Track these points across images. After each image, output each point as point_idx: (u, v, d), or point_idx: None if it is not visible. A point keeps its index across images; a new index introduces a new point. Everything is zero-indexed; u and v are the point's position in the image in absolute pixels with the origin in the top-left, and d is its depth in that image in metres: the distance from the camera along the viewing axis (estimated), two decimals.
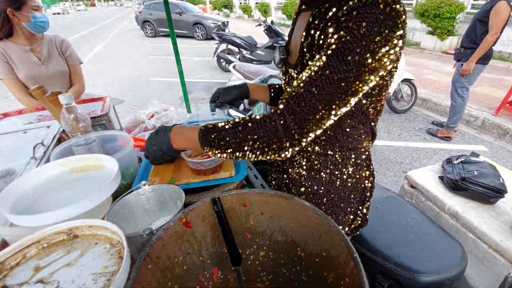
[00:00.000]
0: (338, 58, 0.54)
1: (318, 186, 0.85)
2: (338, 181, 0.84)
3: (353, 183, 0.84)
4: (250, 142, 0.63)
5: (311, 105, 0.58)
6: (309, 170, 0.86)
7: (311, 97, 0.57)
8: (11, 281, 0.44)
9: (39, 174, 0.69)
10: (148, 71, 7.06)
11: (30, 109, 1.53)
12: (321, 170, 0.84)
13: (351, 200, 0.86)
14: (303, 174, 0.87)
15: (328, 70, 0.55)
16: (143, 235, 0.61)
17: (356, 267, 0.51)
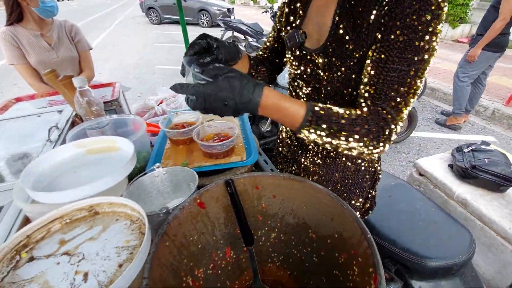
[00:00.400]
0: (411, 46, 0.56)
1: (333, 173, 0.86)
2: (353, 166, 0.84)
3: (366, 167, 0.85)
4: (356, 137, 0.60)
5: (401, 92, 0.59)
6: (325, 157, 0.86)
7: (398, 77, 0.58)
8: (38, 253, 0.46)
9: (57, 154, 0.71)
10: (153, 59, 7.02)
11: (42, 94, 1.55)
12: (336, 156, 0.85)
13: (363, 184, 0.87)
14: (318, 162, 0.88)
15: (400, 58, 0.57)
16: (159, 214, 0.62)
17: (370, 247, 0.52)
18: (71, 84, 0.99)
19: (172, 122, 1.07)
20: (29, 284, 0.41)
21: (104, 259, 0.44)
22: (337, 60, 0.68)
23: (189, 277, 0.62)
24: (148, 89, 5.09)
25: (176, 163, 0.87)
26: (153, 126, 1.22)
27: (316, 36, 0.73)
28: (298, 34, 0.74)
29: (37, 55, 1.71)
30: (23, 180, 0.59)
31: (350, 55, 0.65)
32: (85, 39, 1.94)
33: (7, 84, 5.42)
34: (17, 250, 0.46)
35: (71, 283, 0.40)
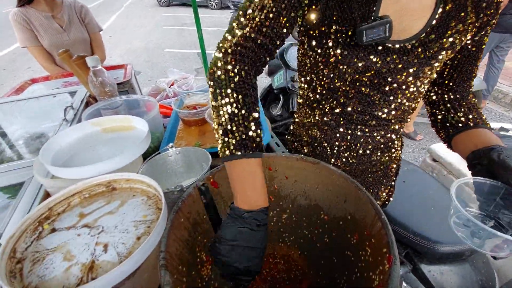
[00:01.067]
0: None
1: (366, 168, 0.81)
2: (387, 158, 0.81)
3: (396, 156, 0.82)
4: None
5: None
6: (361, 156, 0.78)
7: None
8: (60, 225, 0.48)
9: (73, 132, 0.73)
10: (162, 42, 6.97)
11: (56, 76, 1.57)
12: (373, 153, 0.78)
13: (390, 173, 0.84)
14: (351, 162, 0.79)
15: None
16: (174, 191, 0.63)
17: (384, 227, 0.52)
18: (85, 64, 1.00)
19: (184, 104, 1.07)
20: (52, 253, 0.43)
21: (122, 232, 0.45)
22: (430, 52, 0.57)
23: (203, 253, 0.63)
24: (158, 73, 5.08)
25: (189, 144, 0.87)
26: (165, 108, 1.23)
27: (401, 24, 0.57)
28: (390, 26, 0.53)
29: (50, 37, 1.72)
30: (42, 156, 0.60)
31: (449, 47, 0.58)
32: (95, 21, 1.93)
33: (21, 68, 5.51)
34: (39, 222, 0.47)
35: (92, 253, 0.42)
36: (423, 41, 0.57)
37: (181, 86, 1.48)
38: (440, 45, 0.57)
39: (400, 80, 0.62)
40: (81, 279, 0.39)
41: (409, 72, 0.60)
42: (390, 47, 0.58)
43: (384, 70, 0.61)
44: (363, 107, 0.67)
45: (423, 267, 1.07)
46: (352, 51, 0.59)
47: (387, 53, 0.58)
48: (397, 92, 0.65)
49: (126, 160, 0.59)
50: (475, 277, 1.02)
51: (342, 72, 0.64)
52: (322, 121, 0.75)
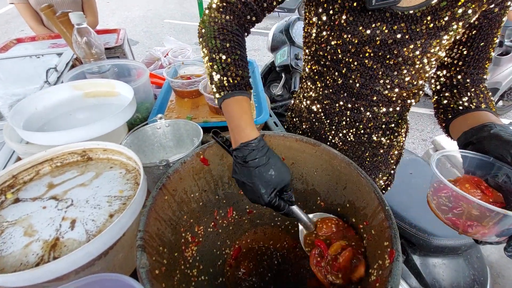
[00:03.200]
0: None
1: (364, 150, 0.77)
2: (388, 142, 0.76)
3: (398, 142, 0.77)
4: None
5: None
6: (360, 135, 0.75)
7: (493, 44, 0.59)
8: (25, 195, 0.42)
9: (52, 94, 0.65)
10: (163, 12, 6.64)
11: (43, 36, 1.46)
12: (373, 133, 0.74)
13: (390, 160, 0.80)
14: (350, 140, 0.76)
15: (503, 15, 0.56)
16: (159, 166, 0.58)
17: (388, 218, 0.47)
18: (70, 22, 0.90)
19: (178, 74, 0.99)
20: (13, 226, 0.37)
21: (94, 207, 0.39)
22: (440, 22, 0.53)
23: (189, 233, 0.59)
24: (156, 44, 4.87)
25: (181, 117, 0.81)
26: (158, 78, 1.15)
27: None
28: None
29: None
30: (12, 119, 0.54)
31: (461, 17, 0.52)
32: None
33: (14, 30, 5.26)
34: (2, 190, 0.42)
35: (57, 229, 0.37)
36: (433, 9, 0.52)
37: (177, 56, 1.38)
38: (451, 14, 0.52)
39: (406, 53, 0.57)
40: (41, 258, 0.34)
41: (416, 45, 0.56)
42: (398, 14, 0.54)
43: (390, 41, 0.57)
44: (365, 80, 0.64)
45: (416, 259, 1.05)
46: (357, 17, 0.56)
47: (395, 21, 0.54)
48: (401, 67, 0.60)
49: (107, 127, 0.53)
50: (467, 272, 1.00)
51: (346, 42, 0.60)
52: (323, 94, 0.72)
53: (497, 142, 0.46)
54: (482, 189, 0.46)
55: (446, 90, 0.65)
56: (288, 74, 1.90)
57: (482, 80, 0.62)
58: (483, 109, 0.57)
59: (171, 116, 0.80)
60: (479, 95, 0.60)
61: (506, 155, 0.44)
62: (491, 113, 0.56)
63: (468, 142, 0.53)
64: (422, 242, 0.98)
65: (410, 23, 0.54)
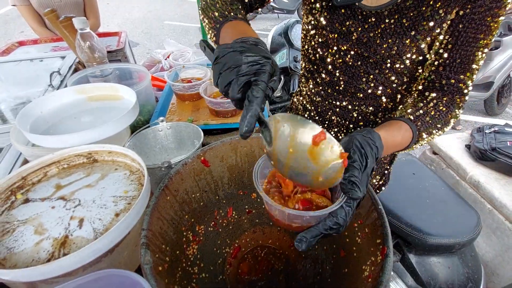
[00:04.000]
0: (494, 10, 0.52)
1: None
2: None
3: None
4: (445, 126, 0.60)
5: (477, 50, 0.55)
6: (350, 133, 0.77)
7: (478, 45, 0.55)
8: (34, 195, 0.44)
9: (56, 98, 0.67)
10: (162, 14, 6.68)
11: (46, 39, 1.47)
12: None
13: (384, 160, 0.82)
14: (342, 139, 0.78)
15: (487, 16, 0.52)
16: (161, 167, 0.60)
17: (380, 217, 0.49)
18: (73, 27, 0.92)
19: (179, 77, 1.01)
20: (23, 225, 0.39)
21: (100, 207, 0.42)
22: (408, 21, 0.55)
23: (190, 232, 0.61)
24: (156, 46, 4.89)
25: (182, 119, 0.83)
26: (159, 81, 1.17)
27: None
28: None
29: None
30: (19, 122, 0.56)
31: (429, 17, 0.54)
32: None
33: (14, 31, 5.28)
34: (12, 191, 0.44)
35: (66, 227, 0.39)
36: (400, 7, 0.55)
37: (177, 58, 1.40)
38: (418, 13, 0.54)
39: (382, 52, 0.60)
40: (52, 254, 0.36)
41: (388, 43, 0.58)
42: (367, 13, 0.58)
43: (365, 39, 0.60)
44: (348, 78, 0.67)
45: (412, 258, 1.07)
46: (332, 14, 0.61)
47: (365, 19, 0.59)
48: (381, 66, 0.63)
49: (111, 130, 0.55)
50: (461, 270, 1.03)
51: (329, 39, 0.65)
52: (314, 91, 0.76)
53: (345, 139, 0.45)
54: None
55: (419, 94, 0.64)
56: (287, 76, 1.93)
57: (458, 90, 0.58)
58: (399, 119, 0.56)
59: (172, 119, 0.82)
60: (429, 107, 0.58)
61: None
62: (408, 124, 0.55)
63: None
64: (417, 241, 1.00)
65: (379, 21, 0.57)
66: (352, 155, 0.40)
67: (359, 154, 0.41)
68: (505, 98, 3.30)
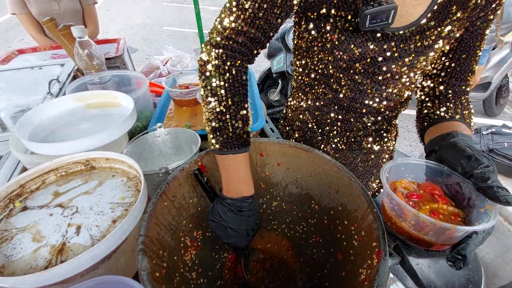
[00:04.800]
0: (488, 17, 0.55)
1: (356, 157, 0.80)
2: (378, 148, 0.79)
3: (388, 146, 0.80)
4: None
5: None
6: (351, 143, 0.78)
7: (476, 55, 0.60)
8: (32, 203, 0.45)
9: (55, 106, 0.68)
10: (161, 20, 6.73)
11: (45, 47, 1.49)
12: (363, 140, 0.77)
13: (381, 164, 0.83)
14: (341, 148, 0.79)
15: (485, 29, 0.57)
16: (159, 173, 0.60)
17: (376, 220, 0.50)
18: (71, 35, 0.94)
19: (177, 83, 1.02)
20: (21, 232, 0.40)
21: (97, 214, 0.42)
22: (431, 41, 0.55)
23: (188, 238, 0.61)
24: (155, 52, 4.93)
25: (179, 125, 0.84)
26: (157, 87, 1.18)
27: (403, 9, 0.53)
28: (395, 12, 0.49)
29: (38, 4, 1.62)
30: (18, 130, 0.57)
31: (447, 36, 0.55)
32: None
33: (13, 39, 5.32)
34: (10, 199, 0.44)
35: (63, 235, 0.39)
36: (422, 29, 0.55)
37: (175, 65, 1.42)
38: (438, 33, 0.55)
39: (395, 69, 0.60)
40: (49, 262, 0.37)
41: (404, 62, 0.58)
42: (389, 34, 0.55)
43: (380, 58, 0.58)
44: (354, 94, 0.66)
45: (411, 260, 1.06)
46: (349, 37, 0.56)
47: (385, 41, 0.56)
48: (389, 81, 0.63)
49: (108, 138, 0.55)
50: (462, 272, 1.02)
51: (337, 59, 0.61)
52: (314, 106, 0.74)
53: (452, 151, 0.47)
54: (436, 196, 0.48)
55: (428, 100, 0.67)
56: (284, 81, 1.94)
57: (464, 92, 0.63)
58: (456, 120, 0.59)
59: (170, 125, 0.83)
60: (457, 106, 0.62)
61: (457, 164, 0.46)
62: (464, 123, 0.58)
63: (431, 150, 0.55)
64: None
65: (399, 42, 0.56)
66: (482, 160, 0.42)
67: (486, 158, 0.42)
68: (503, 99, 3.30)
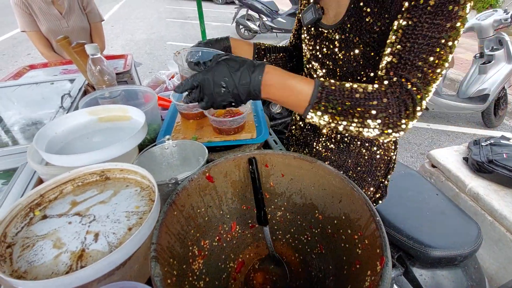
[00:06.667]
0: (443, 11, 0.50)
1: (346, 159, 0.84)
2: (368, 153, 0.82)
3: (381, 155, 0.83)
4: (373, 112, 0.53)
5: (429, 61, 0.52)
6: (339, 143, 0.84)
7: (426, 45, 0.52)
8: (51, 212, 0.47)
9: (69, 119, 0.72)
10: (165, 35, 6.92)
11: (55, 63, 1.55)
12: (351, 142, 0.82)
13: (377, 172, 0.85)
14: (331, 147, 0.85)
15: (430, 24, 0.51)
16: (168, 184, 0.63)
17: (378, 228, 0.52)
18: (84, 52, 0.99)
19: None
20: (42, 240, 0.42)
21: (114, 222, 0.44)
22: (354, 36, 0.65)
23: (195, 247, 0.63)
24: (159, 65, 5.05)
25: (186, 137, 0.87)
26: (163, 100, 1.22)
27: (333, 12, 0.69)
28: (314, 8, 0.70)
29: (48, 22, 1.70)
30: (36, 143, 0.60)
31: (370, 30, 0.62)
32: (97, 10, 1.91)
33: (21, 54, 5.46)
34: (31, 208, 0.47)
35: (82, 241, 0.41)
36: (349, 22, 0.65)
37: (180, 79, 1.47)
38: (362, 25, 0.63)
39: (343, 65, 0.71)
40: (70, 267, 0.39)
41: (350, 56, 0.68)
42: (328, 32, 0.71)
43: (329, 52, 0.73)
44: None
45: (415, 271, 1.07)
46: (307, 34, 0.78)
47: (329, 38, 0.72)
48: (349, 79, 0.72)
49: (122, 149, 0.58)
50: (465, 283, 1.03)
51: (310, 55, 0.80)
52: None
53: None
54: None
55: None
56: None
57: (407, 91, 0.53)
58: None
59: (177, 137, 0.86)
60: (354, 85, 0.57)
61: None
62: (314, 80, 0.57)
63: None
64: (419, 254, 1.01)
65: (339, 36, 0.69)
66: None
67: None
68: (502, 110, 3.35)
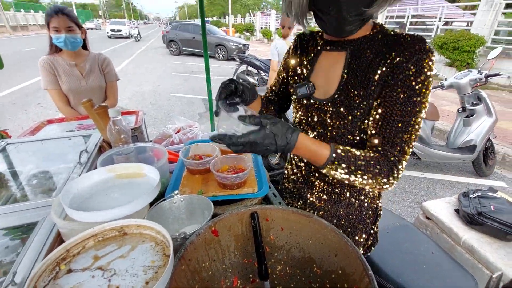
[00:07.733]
0: (409, 102, 0.68)
1: (338, 208, 0.91)
2: (357, 202, 0.90)
3: (369, 203, 0.90)
4: (370, 174, 0.70)
5: (405, 138, 0.70)
6: (330, 194, 0.92)
7: (401, 127, 0.70)
8: (75, 266, 0.52)
9: (90, 177, 0.80)
10: (170, 87, 7.42)
11: (71, 118, 1.69)
12: (341, 193, 0.90)
13: (366, 220, 0.92)
14: (323, 198, 0.93)
15: (402, 112, 0.69)
16: (177, 238, 0.68)
17: (371, 283, 0.56)
18: (105, 113, 1.11)
19: (191, 152, 1.16)
20: None
21: (132, 276, 0.49)
22: (345, 110, 0.78)
23: None
24: (163, 116, 5.32)
25: (192, 191, 0.94)
26: (171, 154, 1.32)
27: (324, 88, 0.83)
28: (308, 86, 0.83)
29: (69, 82, 1.89)
30: (63, 198, 0.67)
31: (357, 106, 0.76)
32: (114, 71, 2.14)
33: (31, 103, 5.77)
34: (57, 262, 0.52)
35: None
36: (340, 99, 0.78)
37: (186, 133, 1.59)
38: (350, 103, 0.76)
39: (333, 131, 0.82)
40: None
41: (339, 124, 0.80)
42: (320, 103, 0.82)
43: (321, 119, 0.84)
44: None
45: None
46: (299, 105, 0.89)
47: (321, 108, 0.83)
48: (337, 141, 0.83)
49: (139, 206, 0.66)
50: None
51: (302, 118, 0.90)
52: (299, 158, 0.98)
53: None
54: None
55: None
56: None
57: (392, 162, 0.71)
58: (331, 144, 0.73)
59: (184, 191, 0.93)
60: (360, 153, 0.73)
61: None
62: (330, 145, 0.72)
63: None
64: None
65: (330, 107, 0.80)
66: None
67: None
68: (491, 160, 3.49)
